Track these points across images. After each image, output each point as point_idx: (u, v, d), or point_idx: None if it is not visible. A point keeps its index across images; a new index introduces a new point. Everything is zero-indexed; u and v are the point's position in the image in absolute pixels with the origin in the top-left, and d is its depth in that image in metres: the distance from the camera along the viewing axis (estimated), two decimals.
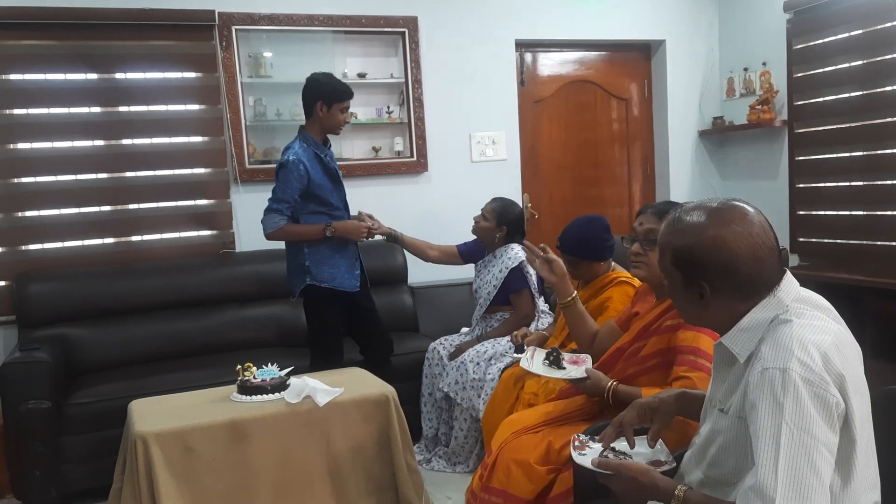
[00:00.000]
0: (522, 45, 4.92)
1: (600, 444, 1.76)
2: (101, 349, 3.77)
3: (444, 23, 4.63)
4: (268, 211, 3.35)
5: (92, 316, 3.84)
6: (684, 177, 5.28)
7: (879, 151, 4.29)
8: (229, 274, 4.15)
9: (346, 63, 4.50)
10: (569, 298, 2.52)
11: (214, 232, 4.29)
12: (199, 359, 3.83)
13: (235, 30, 4.22)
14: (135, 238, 4.17)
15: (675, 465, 1.67)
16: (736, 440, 1.45)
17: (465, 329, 3.95)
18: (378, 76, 4.56)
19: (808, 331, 1.38)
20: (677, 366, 2.09)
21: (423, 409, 3.67)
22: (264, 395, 2.90)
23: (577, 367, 2.36)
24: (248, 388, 2.93)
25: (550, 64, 5.08)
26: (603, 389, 2.21)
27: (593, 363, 2.42)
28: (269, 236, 3.39)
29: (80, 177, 4.05)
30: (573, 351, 2.60)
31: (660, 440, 1.75)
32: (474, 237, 3.79)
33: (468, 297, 4.10)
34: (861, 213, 4.46)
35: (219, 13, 4.16)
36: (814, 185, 4.72)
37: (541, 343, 3.08)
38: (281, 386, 2.93)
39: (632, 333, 2.28)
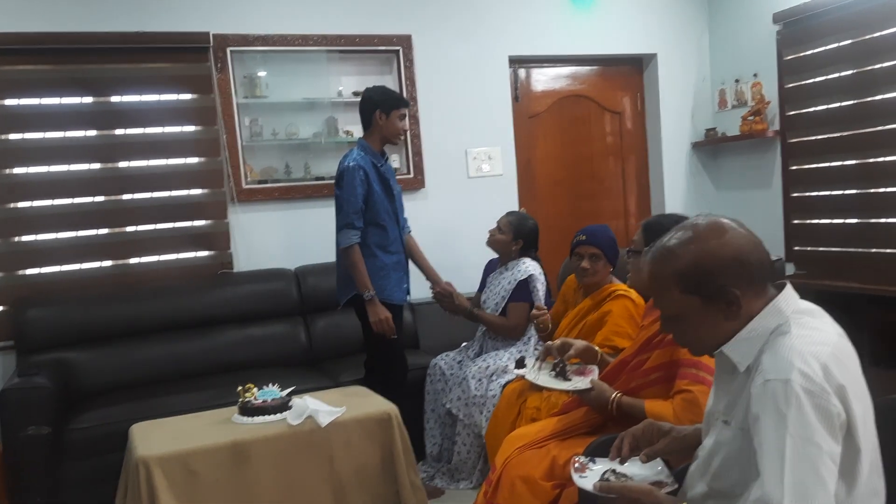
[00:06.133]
0: (516, 62, 4.95)
1: (601, 466, 1.76)
2: (100, 373, 3.76)
3: (438, 41, 4.66)
4: (340, 228, 3.35)
5: (91, 340, 3.83)
6: (679, 188, 5.31)
7: (872, 160, 4.32)
8: (228, 294, 4.15)
9: (342, 82, 4.52)
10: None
11: (212, 253, 4.29)
12: (200, 380, 3.81)
13: (230, 51, 4.25)
14: (132, 260, 4.17)
15: (676, 486, 1.66)
16: (739, 452, 1.45)
17: (465, 344, 3.95)
18: None
19: (807, 342, 1.39)
20: (679, 379, 2.10)
21: (427, 427, 3.66)
22: (266, 416, 2.89)
23: (583, 378, 2.36)
24: (249, 410, 2.92)
25: (544, 79, 5.12)
26: (607, 401, 2.21)
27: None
28: (340, 252, 3.40)
29: (76, 200, 4.05)
30: (578, 362, 2.60)
31: (661, 462, 1.74)
32: (488, 260, 3.81)
33: None
34: (856, 220, 4.48)
35: (213, 35, 4.18)
36: (808, 194, 4.75)
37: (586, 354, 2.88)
38: (282, 406, 2.93)
39: (635, 346, 2.29)
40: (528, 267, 3.61)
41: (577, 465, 1.78)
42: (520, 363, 3.00)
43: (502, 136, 4.86)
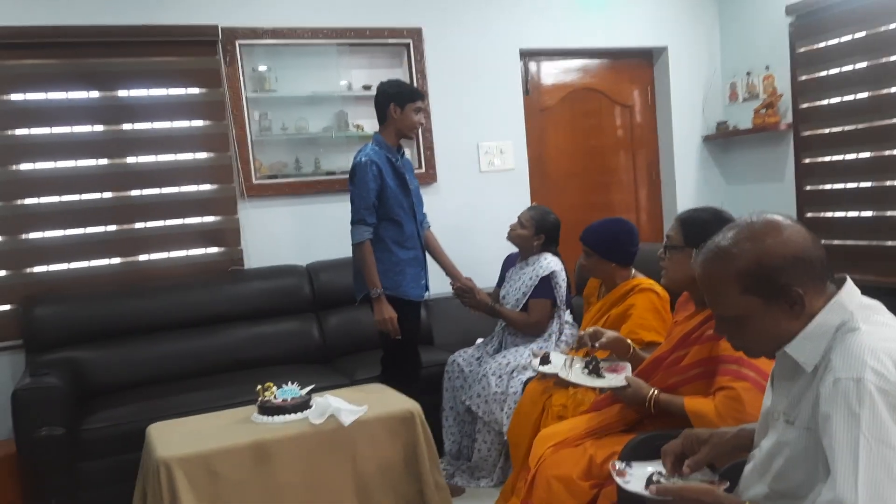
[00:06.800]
0: (526, 54, 4.90)
1: (640, 469, 1.71)
2: (111, 372, 3.70)
3: (449, 33, 4.60)
4: (353, 223, 3.31)
5: (101, 338, 3.77)
6: (690, 182, 5.27)
7: (887, 152, 4.29)
8: (239, 291, 4.09)
9: (352, 75, 4.46)
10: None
11: (222, 249, 4.23)
12: (213, 378, 3.76)
13: (239, 45, 4.18)
14: (142, 257, 4.11)
15: (728, 483, 1.62)
16: (805, 452, 1.41)
17: (480, 340, 3.91)
18: None
19: (877, 339, 1.35)
20: (720, 376, 2.05)
21: (445, 424, 3.61)
22: (286, 416, 2.84)
23: (617, 375, 2.31)
24: (269, 409, 2.87)
25: (555, 73, 5.07)
26: (644, 398, 2.17)
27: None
28: (354, 248, 3.35)
29: (84, 197, 3.99)
30: (609, 358, 2.56)
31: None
32: (507, 255, 3.78)
33: None
34: (870, 213, 4.45)
35: (222, 28, 4.12)
36: (821, 187, 4.71)
37: (618, 345, 2.68)
38: (303, 405, 2.88)
39: (671, 342, 2.24)
40: (551, 263, 3.57)
41: (615, 471, 1.74)
42: (544, 359, 2.95)
43: (514, 130, 4.81)
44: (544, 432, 2.45)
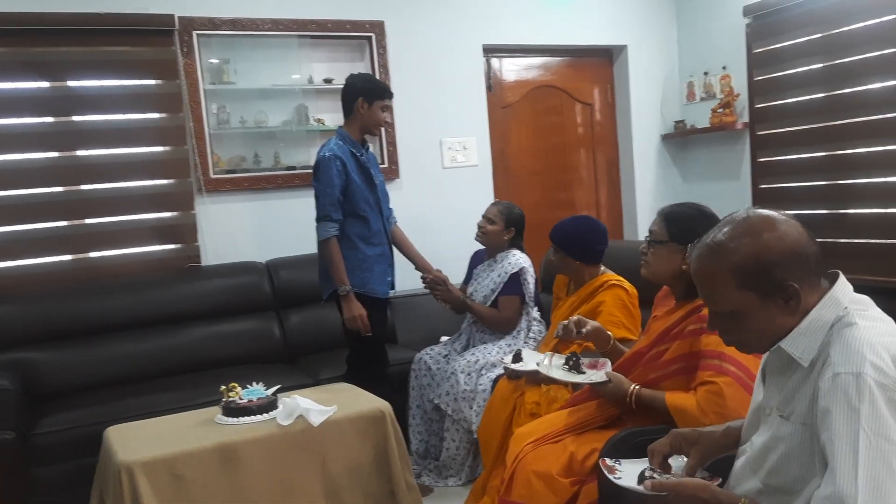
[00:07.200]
0: (490, 50, 4.88)
1: (629, 466, 1.71)
2: (64, 373, 3.56)
3: (412, 27, 4.55)
4: (318, 220, 3.24)
5: (52, 338, 3.63)
6: (649, 180, 5.32)
7: (840, 152, 4.39)
8: (197, 289, 3.97)
9: (313, 69, 4.37)
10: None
11: (179, 246, 4.10)
12: (171, 379, 3.64)
13: (197, 35, 4.06)
14: (94, 254, 3.96)
15: (720, 479, 1.61)
16: (800, 447, 1.41)
17: (444, 338, 3.87)
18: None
19: (875, 333, 1.36)
20: (702, 370, 2.05)
21: (412, 423, 3.56)
22: (253, 417, 2.76)
23: (597, 371, 2.30)
24: (234, 410, 2.79)
25: (516, 69, 5.06)
26: (625, 393, 2.16)
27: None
28: (320, 245, 3.28)
29: (33, 191, 3.82)
30: (589, 354, 2.55)
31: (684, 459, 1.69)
32: (473, 252, 3.75)
33: None
34: (824, 211, 4.55)
35: (179, 18, 3.99)
36: (776, 185, 4.80)
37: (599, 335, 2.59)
38: (269, 406, 2.80)
39: (650, 337, 2.24)
40: (520, 259, 3.55)
41: (605, 468, 1.72)
42: (516, 357, 2.94)
43: (477, 126, 4.79)
44: (522, 429, 2.43)
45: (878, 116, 4.12)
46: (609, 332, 2.44)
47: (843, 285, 1.46)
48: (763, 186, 4.87)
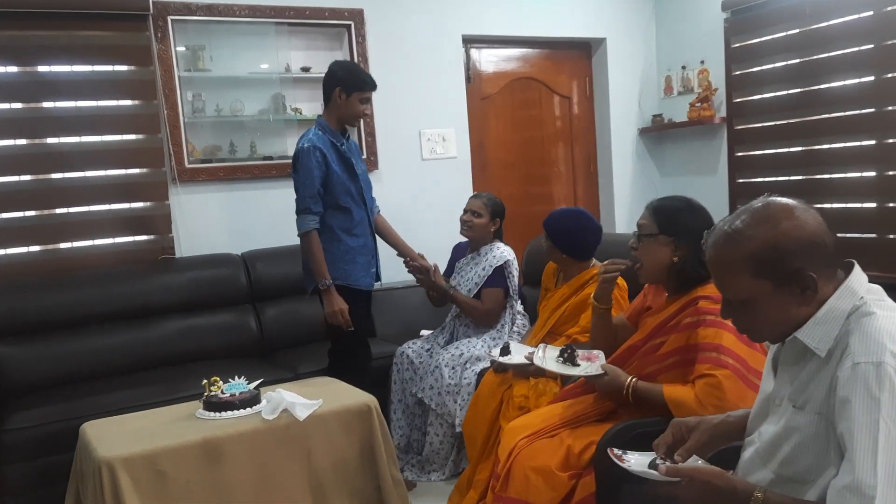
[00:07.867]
0: (469, 41, 4.83)
1: (637, 455, 1.69)
2: (34, 368, 3.44)
3: (391, 16, 4.48)
4: (298, 213, 3.16)
5: (21, 332, 3.50)
6: (626, 174, 5.32)
7: (816, 147, 4.43)
8: (171, 281, 3.87)
9: (290, 57, 4.29)
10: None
11: (152, 237, 3.99)
12: (145, 374, 3.54)
13: (171, 20, 3.95)
14: (64, 245, 3.84)
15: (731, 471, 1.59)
16: (815, 437, 1.39)
17: (424, 332, 3.83)
18: (323, 70, 4.14)
19: (894, 323, 1.35)
20: (700, 363, 2.04)
21: (394, 417, 3.51)
22: (236, 412, 2.69)
23: (592, 363, 2.28)
24: (216, 405, 2.71)
25: (496, 60, 5.02)
26: (622, 386, 2.14)
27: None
28: (300, 238, 3.20)
29: (1, 179, 3.68)
30: (583, 346, 2.52)
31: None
32: (455, 244, 3.71)
33: (423, 298, 3.95)
34: None
35: (153, 2, 3.87)
36: (753, 179, 4.84)
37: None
38: (252, 400, 2.74)
39: (645, 330, 2.22)
40: (504, 252, 3.51)
41: (613, 457, 1.70)
42: (504, 350, 2.90)
43: (456, 118, 4.74)
44: (514, 423, 2.39)
45: (853, 112, 4.17)
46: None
47: (858, 275, 1.45)
48: (740, 181, 4.90)
